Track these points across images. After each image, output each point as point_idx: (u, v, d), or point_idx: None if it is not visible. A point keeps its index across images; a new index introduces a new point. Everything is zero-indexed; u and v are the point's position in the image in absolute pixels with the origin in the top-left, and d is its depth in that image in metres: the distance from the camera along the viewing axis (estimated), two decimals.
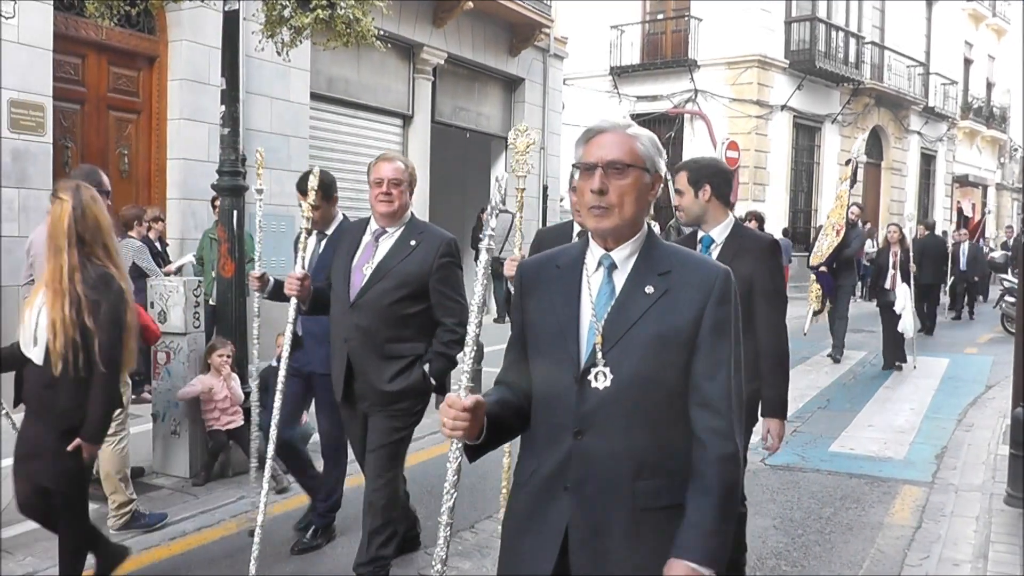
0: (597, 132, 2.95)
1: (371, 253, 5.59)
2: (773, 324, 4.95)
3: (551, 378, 2.94)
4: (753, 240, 5.08)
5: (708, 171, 5.06)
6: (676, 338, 2.81)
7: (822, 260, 14.83)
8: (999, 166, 50.32)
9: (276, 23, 9.07)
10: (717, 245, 5.00)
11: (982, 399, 12.54)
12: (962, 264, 24.01)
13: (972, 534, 7.10)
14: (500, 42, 19.83)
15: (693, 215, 5.04)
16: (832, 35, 30.60)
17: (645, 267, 2.92)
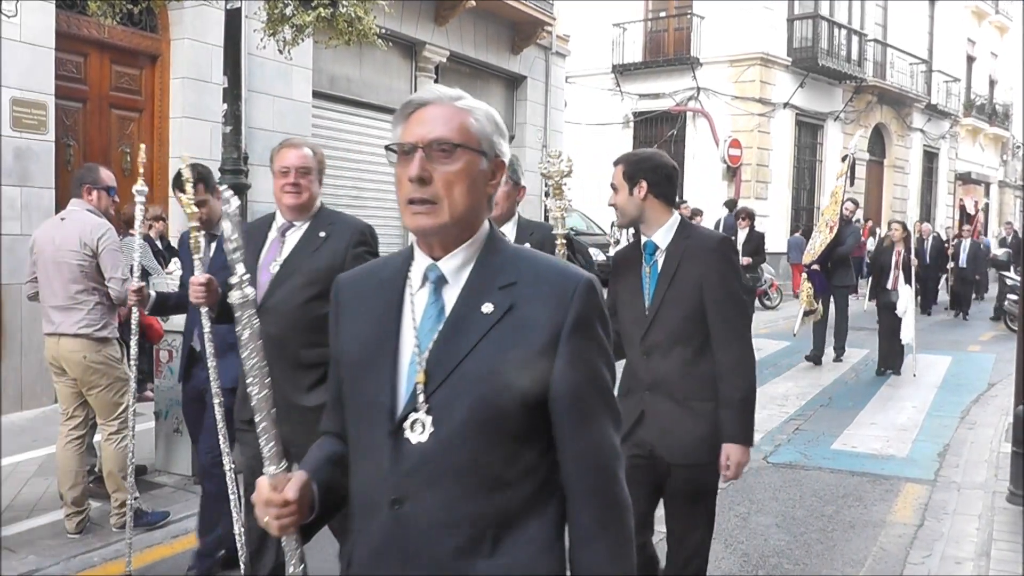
0: (418, 105, 2.31)
1: (277, 250, 4.96)
2: (729, 335, 4.28)
3: (362, 429, 2.31)
4: (700, 239, 4.40)
5: (645, 165, 4.42)
6: (522, 373, 2.16)
7: (815, 258, 14.51)
8: (1002, 163, 50.26)
9: (278, 21, 9.09)
10: (662, 252, 4.34)
11: (984, 397, 12.54)
12: (962, 261, 23.81)
13: (974, 532, 7.10)
14: (502, 40, 19.83)
15: (629, 216, 4.45)
16: (835, 32, 30.58)
17: (483, 279, 2.26)
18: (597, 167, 29.34)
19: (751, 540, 6.87)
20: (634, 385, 4.41)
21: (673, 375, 4.28)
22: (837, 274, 15.11)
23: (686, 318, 4.24)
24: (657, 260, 4.36)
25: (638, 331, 4.34)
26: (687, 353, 4.26)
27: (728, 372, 4.22)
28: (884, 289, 14.64)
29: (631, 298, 4.41)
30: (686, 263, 4.26)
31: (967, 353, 17.04)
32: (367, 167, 16.59)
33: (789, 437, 10.12)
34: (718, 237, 4.53)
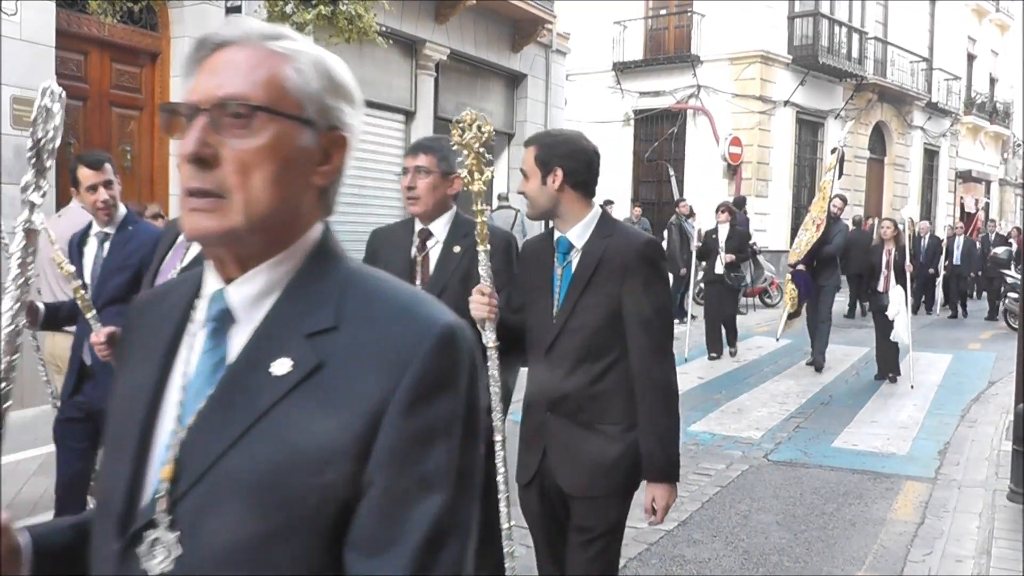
0: (214, 46, 1.58)
1: (180, 256, 4.44)
2: (651, 354, 3.66)
3: (96, 537, 1.53)
4: (624, 240, 3.72)
5: (562, 150, 3.76)
6: (318, 470, 1.35)
7: (800, 257, 13.93)
8: (1002, 162, 50.24)
9: (278, 19, 9.11)
10: (577, 252, 3.74)
11: (985, 395, 12.55)
12: (956, 259, 23.70)
13: (975, 530, 7.11)
14: (502, 38, 19.82)
15: (540, 208, 3.81)
16: (835, 30, 30.55)
17: (287, 319, 1.46)
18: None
19: (752, 538, 6.88)
20: (535, 401, 3.88)
21: (580, 393, 3.72)
22: (823, 273, 14.32)
23: (600, 330, 3.69)
24: (571, 261, 3.77)
25: (544, 339, 3.79)
26: (597, 369, 3.70)
27: (650, 398, 3.66)
28: (875, 292, 13.83)
29: (539, 299, 3.87)
30: (605, 267, 3.68)
31: (967, 351, 17.05)
32: (368, 165, 16.59)
33: (790, 435, 10.12)
34: (644, 239, 3.80)
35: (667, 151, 29.69)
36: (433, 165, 4.44)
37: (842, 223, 15.47)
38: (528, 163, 3.79)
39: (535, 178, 3.78)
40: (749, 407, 11.32)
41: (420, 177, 4.44)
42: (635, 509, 7.37)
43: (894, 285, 13.42)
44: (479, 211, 3.87)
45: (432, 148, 4.47)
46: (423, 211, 4.47)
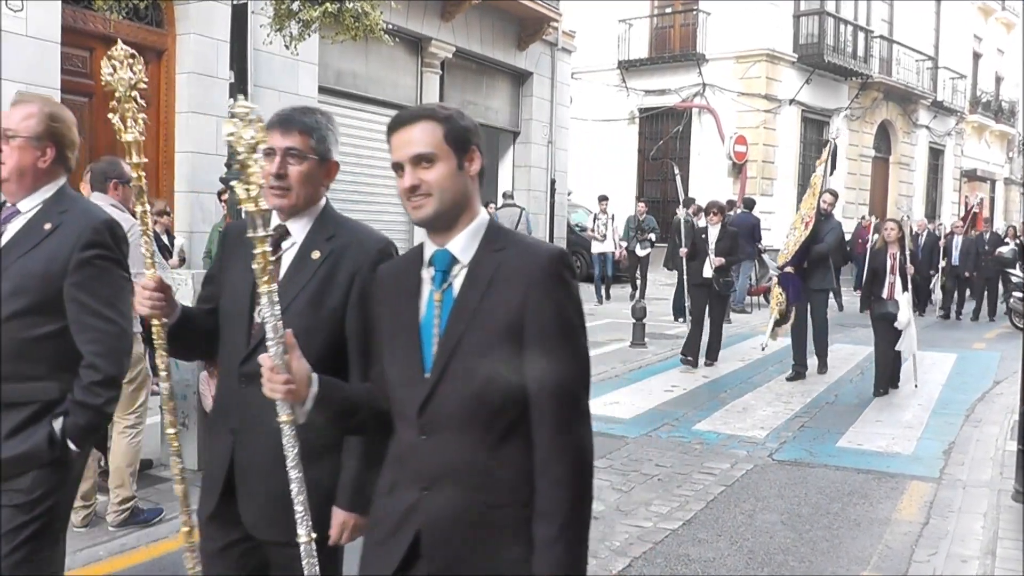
0: None
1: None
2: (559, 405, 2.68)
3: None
4: (523, 255, 2.74)
5: (472, 126, 2.85)
6: None
7: (788, 259, 13.01)
8: (1007, 160, 50.20)
9: (284, 17, 9.11)
10: (462, 268, 2.75)
11: (990, 395, 12.52)
12: (954, 258, 22.98)
13: (980, 530, 7.09)
14: (508, 36, 19.83)
15: (447, 204, 2.73)
16: (841, 29, 30.55)
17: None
18: (603, 163, 29.46)
19: (756, 538, 6.87)
20: (404, 478, 2.80)
21: (470, 468, 2.70)
22: (814, 276, 13.25)
23: (493, 378, 2.65)
24: (453, 283, 2.75)
25: (413, 397, 2.73)
26: (494, 433, 2.68)
27: (552, 464, 2.67)
28: (879, 299, 12.44)
29: (403, 345, 2.80)
30: (498, 289, 2.69)
31: (972, 351, 17.02)
32: (374, 162, 16.60)
33: (794, 434, 10.11)
34: (550, 251, 2.77)
35: (672, 149, 29.69)
36: (308, 148, 3.35)
37: (834, 220, 13.95)
38: (432, 140, 2.73)
39: (446, 162, 2.73)
40: (754, 406, 11.30)
41: (291, 163, 3.31)
42: (638, 508, 7.41)
43: (900, 291, 12.22)
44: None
45: (308, 126, 3.37)
46: (292, 205, 3.36)
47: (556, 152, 21.93)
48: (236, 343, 3.29)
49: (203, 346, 3.49)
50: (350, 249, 3.37)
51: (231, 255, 3.43)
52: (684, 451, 9.26)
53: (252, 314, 3.24)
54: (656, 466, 8.68)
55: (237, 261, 3.33)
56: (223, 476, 3.33)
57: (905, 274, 12.32)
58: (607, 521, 7.12)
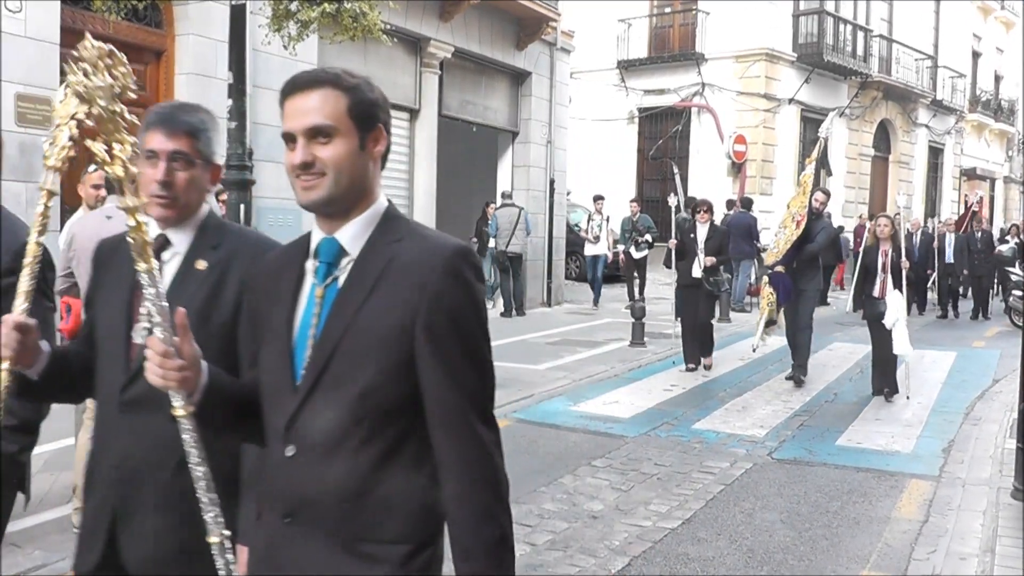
0: None
1: None
2: (463, 429, 2.28)
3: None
4: (421, 249, 2.35)
5: (380, 99, 2.48)
6: None
7: (778, 258, 12.63)
8: (1007, 159, 50.23)
9: (283, 17, 9.11)
10: (351, 259, 2.37)
11: (989, 393, 12.53)
12: (948, 257, 22.73)
13: (979, 528, 7.10)
14: (507, 36, 19.83)
15: (345, 187, 2.34)
16: (840, 28, 30.56)
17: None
18: (602, 162, 29.48)
19: (756, 536, 6.87)
20: (268, 504, 2.43)
21: (339, 495, 2.29)
22: (804, 275, 12.84)
23: (377, 390, 2.26)
24: (338, 277, 2.37)
25: (282, 410, 2.34)
26: (371, 455, 2.26)
27: (458, 493, 2.28)
28: (870, 297, 12.11)
29: (275, 349, 2.42)
30: (389, 286, 2.29)
31: (972, 349, 17.03)
32: None
33: (794, 433, 10.11)
34: (452, 246, 2.35)
35: (671, 149, 29.71)
36: (195, 151, 3.01)
37: (825, 220, 13.62)
38: (332, 111, 2.34)
39: (348, 138, 2.34)
40: (753, 405, 11.31)
41: (177, 168, 2.96)
42: (637, 507, 7.41)
43: (891, 290, 11.85)
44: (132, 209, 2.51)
45: (194, 127, 3.02)
46: (178, 215, 3.03)
47: (555, 152, 21.91)
48: (114, 369, 2.86)
49: (85, 386, 3.03)
50: (238, 257, 3.01)
51: (104, 273, 3.06)
52: (683, 450, 9.27)
53: (130, 334, 2.86)
54: (655, 465, 8.69)
55: (109, 277, 2.97)
56: (106, 523, 2.88)
57: (899, 272, 11.81)
58: (606, 520, 7.13)
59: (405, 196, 17.57)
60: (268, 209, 13.54)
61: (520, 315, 19.20)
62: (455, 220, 21.33)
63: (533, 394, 11.65)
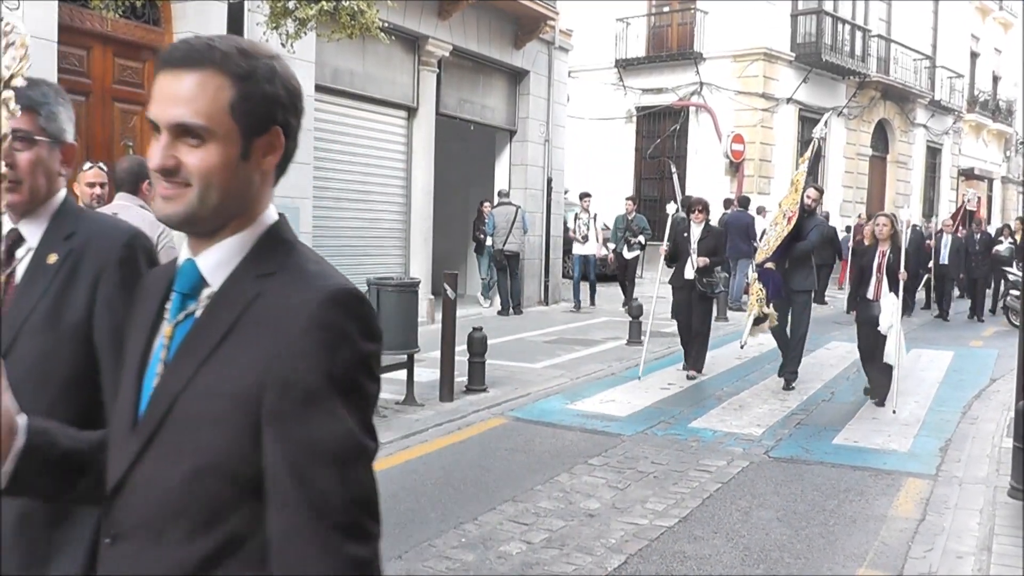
0: None
1: None
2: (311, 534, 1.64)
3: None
4: (296, 288, 1.75)
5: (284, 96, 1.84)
6: None
7: (768, 255, 12.31)
8: (1005, 159, 50.29)
9: (281, 15, 9.09)
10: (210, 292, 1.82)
11: (986, 392, 12.54)
12: (943, 258, 22.37)
13: (976, 527, 7.10)
14: (505, 34, 19.83)
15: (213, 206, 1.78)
16: (838, 28, 30.58)
17: None
18: (600, 161, 29.49)
19: (752, 534, 6.87)
20: None
21: None
22: (796, 276, 12.40)
23: (215, 468, 1.71)
24: (195, 312, 1.83)
25: (114, 470, 1.84)
26: (203, 547, 1.72)
27: None
28: (864, 300, 11.67)
29: (123, 388, 1.91)
30: (241, 338, 1.74)
31: (969, 348, 17.04)
32: (370, 161, 16.60)
33: (791, 431, 10.12)
34: (328, 290, 1.75)
35: (669, 148, 29.73)
36: (36, 128, 2.66)
37: (818, 218, 13.15)
38: (208, 109, 1.76)
39: (224, 145, 1.77)
40: (750, 403, 11.31)
41: (18, 148, 2.59)
42: (634, 505, 7.41)
43: (886, 293, 11.37)
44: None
45: (33, 100, 2.63)
46: (24, 202, 2.64)
47: (553, 151, 21.91)
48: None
49: None
50: (91, 246, 2.62)
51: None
52: (680, 448, 9.27)
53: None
54: (652, 463, 8.69)
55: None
56: None
57: (896, 275, 11.28)
58: (603, 518, 7.13)
59: (402, 195, 17.57)
60: None
61: (517, 314, 19.21)
62: (452, 218, 21.34)
63: (530, 392, 11.66)
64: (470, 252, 21.96)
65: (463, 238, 22.12)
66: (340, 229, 15.96)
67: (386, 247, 17.27)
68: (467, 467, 8.49)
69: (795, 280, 12.40)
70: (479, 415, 10.46)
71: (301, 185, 14.30)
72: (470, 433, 9.74)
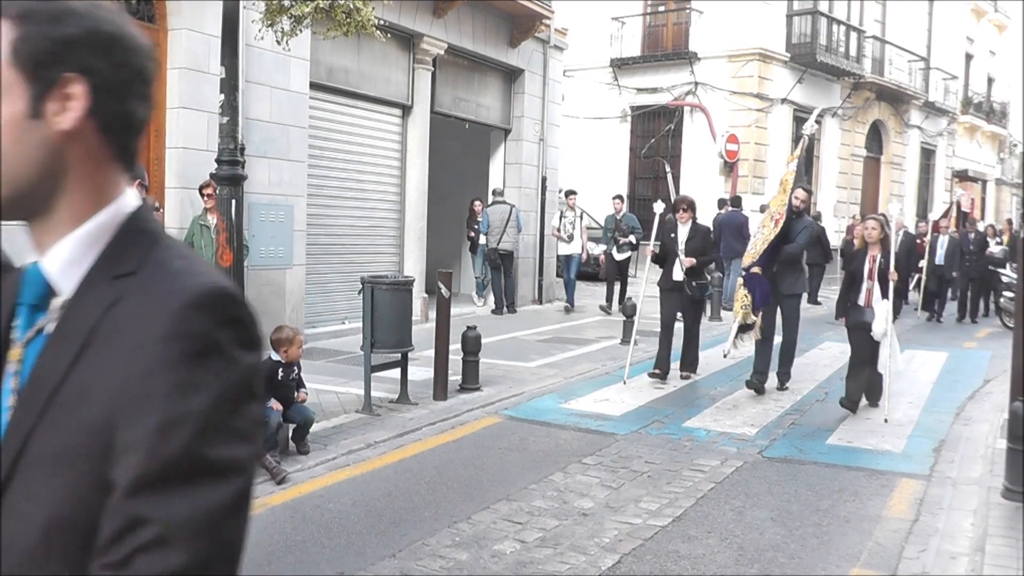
0: None
1: None
2: None
3: None
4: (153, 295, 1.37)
5: (87, 38, 1.42)
6: None
7: (755, 259, 11.79)
8: (999, 161, 50.40)
9: (276, 12, 9.07)
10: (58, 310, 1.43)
11: (980, 393, 12.55)
12: (939, 258, 21.97)
13: (969, 527, 7.11)
14: (500, 33, 19.81)
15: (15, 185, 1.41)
16: (833, 29, 30.59)
17: None
18: (594, 160, 29.50)
19: (746, 534, 6.88)
20: None
21: None
22: (786, 279, 12.05)
23: (68, 516, 1.34)
24: (45, 327, 1.45)
25: None
26: None
27: None
28: (855, 306, 11.21)
29: None
30: (99, 354, 1.37)
31: (963, 349, 17.06)
32: (365, 158, 16.58)
33: (784, 432, 10.12)
34: (194, 291, 1.37)
35: (664, 147, 29.75)
36: None
37: (807, 219, 12.55)
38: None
39: (7, 99, 1.41)
40: (744, 403, 11.30)
41: None
42: (627, 504, 7.41)
43: (879, 299, 10.93)
44: None
45: None
46: None
47: (547, 149, 21.90)
48: None
49: None
50: None
51: None
52: (674, 448, 9.27)
53: None
54: (646, 463, 8.69)
55: None
56: None
57: (886, 280, 10.90)
58: (596, 518, 7.13)
59: (397, 193, 17.54)
60: (261, 205, 13.51)
61: (511, 312, 19.21)
62: (446, 216, 21.32)
63: (524, 391, 11.66)
64: (464, 251, 21.95)
65: (457, 237, 22.11)
66: (334, 227, 15.93)
67: (380, 245, 17.25)
68: (461, 466, 8.49)
69: (784, 284, 12.07)
70: (473, 414, 10.47)
71: (295, 183, 14.29)
72: (464, 432, 9.74)
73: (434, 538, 6.59)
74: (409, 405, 10.58)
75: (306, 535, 6.70)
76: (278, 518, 7.01)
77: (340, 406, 10.49)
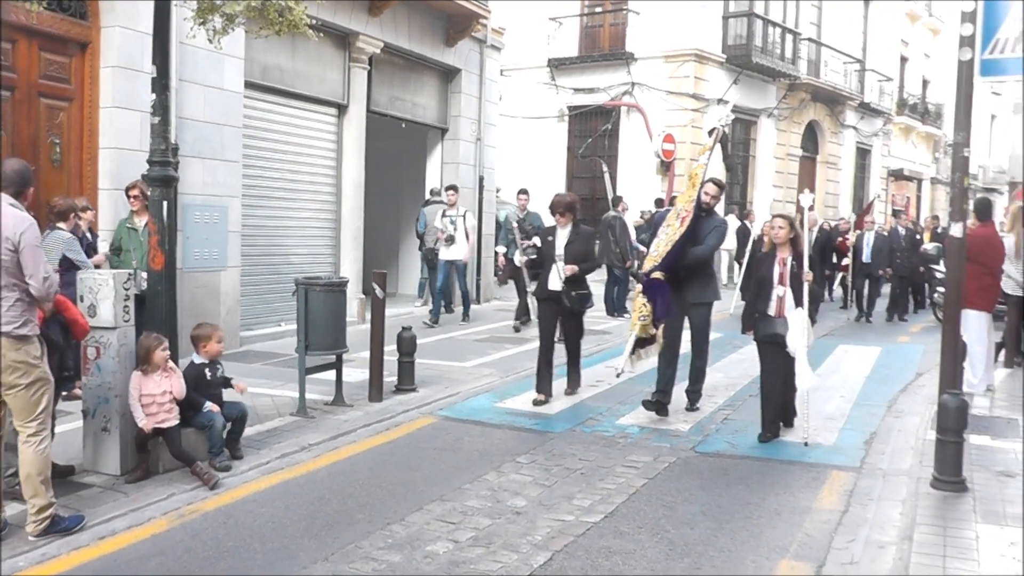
0: None
1: None
2: None
3: None
4: None
5: None
6: None
7: (656, 263, 10.21)
8: (934, 160, 51.11)
9: (208, 10, 8.99)
10: None
11: (912, 386, 12.71)
12: (865, 256, 21.86)
13: (898, 517, 7.20)
14: (437, 32, 19.80)
15: None
16: (769, 31, 30.86)
17: None
18: (532, 160, 29.57)
19: (677, 529, 6.92)
20: None
21: None
22: (692, 287, 10.62)
23: None
24: None
25: None
26: None
27: None
28: (764, 316, 9.75)
29: None
30: None
31: (896, 344, 17.26)
32: (300, 158, 16.49)
33: (717, 427, 10.19)
34: None
35: (601, 147, 29.88)
36: None
37: (719, 217, 11.10)
38: None
39: None
40: (678, 400, 11.29)
41: None
42: (560, 502, 7.43)
43: (792, 307, 9.56)
44: None
45: None
46: None
47: (484, 149, 21.91)
48: None
49: None
50: None
51: None
52: (608, 445, 9.31)
53: None
54: (580, 460, 8.72)
55: None
56: None
57: (800, 285, 9.56)
58: (529, 516, 7.14)
59: (333, 193, 17.46)
60: (195, 206, 13.40)
61: (448, 312, 19.12)
62: (382, 217, 21.28)
63: (459, 391, 11.66)
64: (402, 251, 21.91)
65: (395, 237, 22.07)
66: (270, 228, 15.83)
67: (316, 246, 17.16)
68: (395, 467, 8.48)
69: (691, 291, 10.65)
70: (408, 415, 10.45)
71: (230, 183, 14.19)
72: (399, 433, 9.72)
73: (367, 540, 6.57)
74: (344, 407, 10.54)
75: (239, 540, 6.65)
76: (211, 524, 6.96)
77: (275, 409, 10.43)
